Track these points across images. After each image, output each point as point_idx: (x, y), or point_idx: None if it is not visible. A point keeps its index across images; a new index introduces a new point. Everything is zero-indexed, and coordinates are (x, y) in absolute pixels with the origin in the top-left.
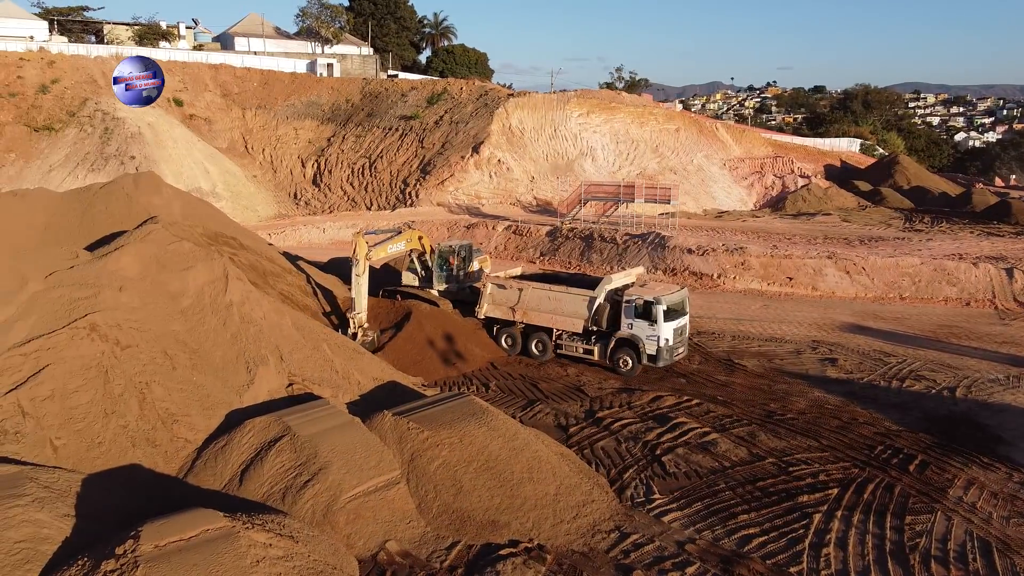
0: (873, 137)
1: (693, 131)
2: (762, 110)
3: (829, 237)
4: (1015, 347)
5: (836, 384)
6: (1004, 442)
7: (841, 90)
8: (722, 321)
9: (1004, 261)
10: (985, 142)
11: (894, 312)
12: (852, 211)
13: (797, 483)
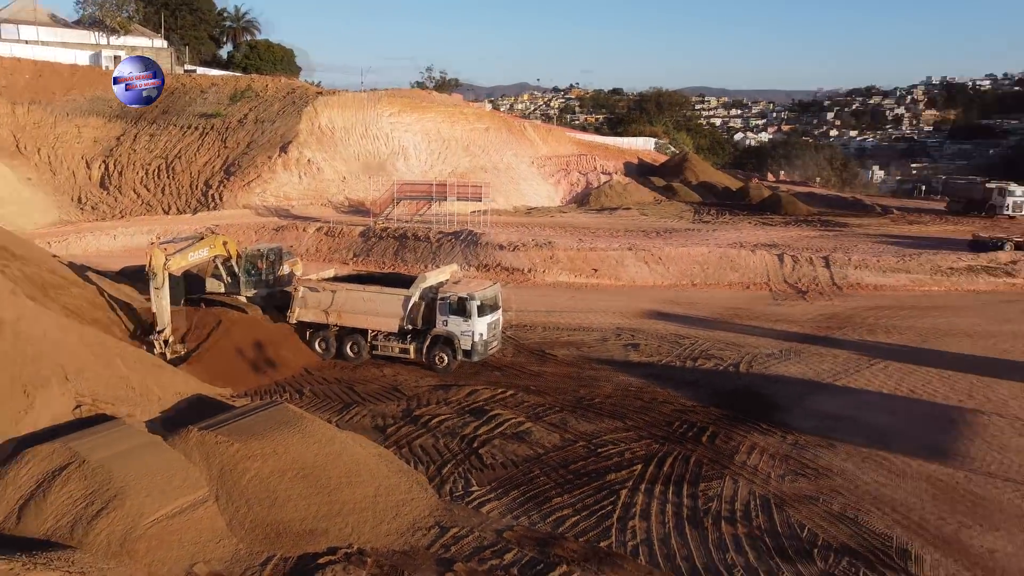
0: (666, 136)
1: (502, 130)
2: (567, 110)
3: (629, 230)
4: (787, 324)
5: (638, 367)
6: (780, 409)
7: (637, 92)
8: (534, 314)
9: (776, 248)
10: (759, 141)
11: (687, 298)
12: (649, 205)
13: (606, 463)
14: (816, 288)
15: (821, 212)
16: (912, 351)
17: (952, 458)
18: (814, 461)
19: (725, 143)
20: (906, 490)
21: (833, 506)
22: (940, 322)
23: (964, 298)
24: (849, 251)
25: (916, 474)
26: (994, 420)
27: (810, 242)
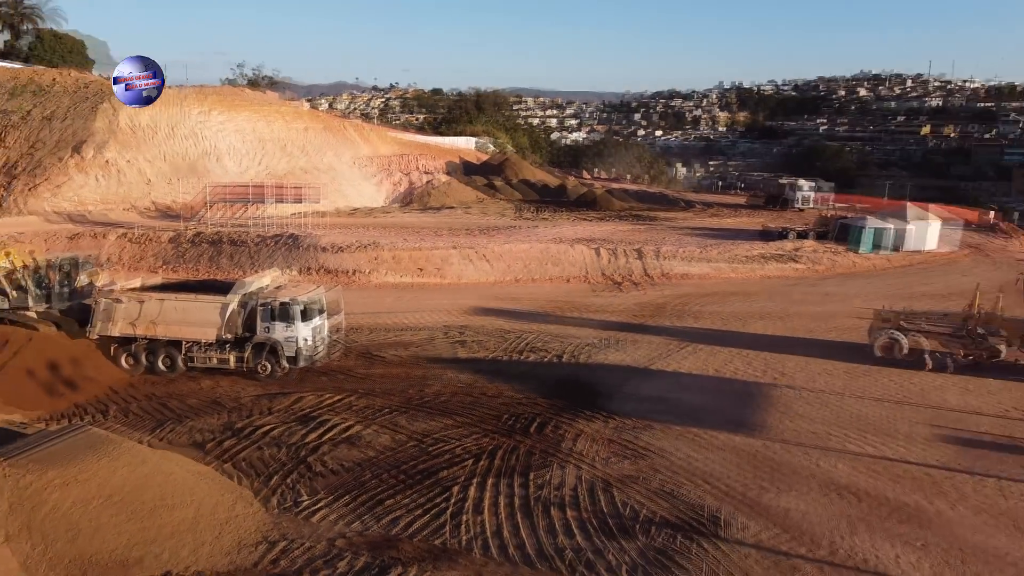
0: (486, 136)
1: (322, 130)
2: (387, 110)
3: (454, 229)
4: (606, 314)
5: (467, 363)
6: (602, 395)
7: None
8: (361, 316)
9: (594, 242)
10: (575, 140)
11: (512, 293)
12: (472, 204)
13: (438, 460)
14: (631, 279)
15: (633, 207)
16: (716, 334)
17: (752, 429)
18: (634, 442)
19: (543, 142)
20: (715, 462)
21: (653, 483)
22: (738, 306)
23: (757, 283)
24: (659, 243)
25: (723, 446)
26: (785, 392)
27: (624, 236)
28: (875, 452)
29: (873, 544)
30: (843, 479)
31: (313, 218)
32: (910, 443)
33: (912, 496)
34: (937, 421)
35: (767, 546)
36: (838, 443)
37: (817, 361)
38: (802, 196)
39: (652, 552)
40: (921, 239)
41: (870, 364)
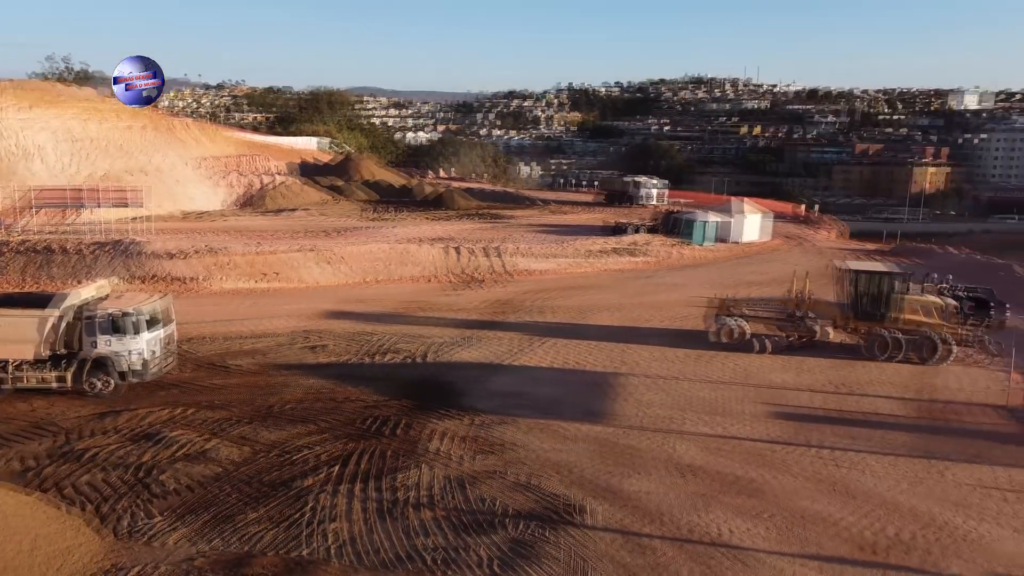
0: (337, 136)
1: (160, 129)
2: (231, 108)
3: (308, 231)
4: (463, 312)
5: (326, 368)
6: (460, 393)
7: (306, 90)
8: (211, 324)
9: (444, 241)
10: (428, 140)
11: (369, 295)
12: (324, 205)
13: (299, 469)
14: (487, 276)
15: (481, 206)
16: (568, 327)
17: (606, 418)
18: (494, 438)
19: (392, 142)
20: (573, 452)
21: (514, 476)
22: (587, 299)
23: (609, 276)
24: (512, 241)
25: (580, 436)
26: (634, 380)
27: (477, 234)
28: (718, 432)
29: (723, 519)
30: (692, 459)
31: (154, 223)
32: (749, 421)
33: (755, 471)
34: (771, 399)
35: (626, 529)
36: (684, 426)
37: (661, 349)
38: (647, 193)
39: (517, 544)
40: (746, 231)
41: (708, 349)
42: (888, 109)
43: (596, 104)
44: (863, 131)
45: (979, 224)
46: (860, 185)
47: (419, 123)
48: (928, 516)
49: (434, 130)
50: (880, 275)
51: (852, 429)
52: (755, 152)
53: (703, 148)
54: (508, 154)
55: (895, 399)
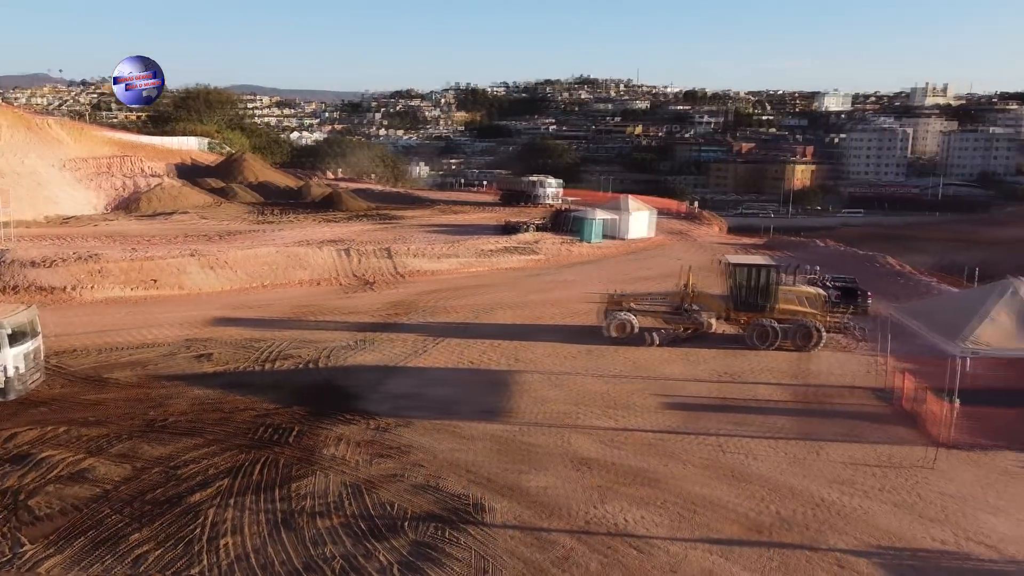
0: (219, 136)
1: (20, 128)
2: (100, 107)
3: (189, 235)
4: (358, 315)
5: (214, 378)
6: (360, 397)
7: (183, 88)
8: (84, 336)
9: (341, 243)
10: (315, 140)
11: (259, 300)
12: (208, 208)
13: (188, 484)
14: (382, 278)
15: (377, 207)
16: (468, 327)
17: (507, 416)
18: (395, 441)
19: (281, 142)
20: (474, 451)
21: (416, 479)
22: (485, 298)
23: (503, 275)
24: (406, 241)
25: (481, 435)
26: (533, 377)
27: (371, 235)
28: (616, 425)
29: (621, 509)
30: (590, 453)
31: (16, 229)
32: (642, 413)
33: (650, 461)
34: (662, 391)
35: (529, 525)
36: (581, 420)
37: (560, 345)
38: (548, 192)
39: (419, 547)
40: (638, 227)
41: (601, 344)
42: (759, 110)
43: (484, 104)
44: (738, 131)
45: (842, 218)
46: (736, 182)
47: (304, 123)
48: (807, 494)
49: (332, 130)
50: (758, 268)
51: (737, 415)
52: (641, 151)
53: (590, 147)
54: (398, 154)
55: (775, 385)
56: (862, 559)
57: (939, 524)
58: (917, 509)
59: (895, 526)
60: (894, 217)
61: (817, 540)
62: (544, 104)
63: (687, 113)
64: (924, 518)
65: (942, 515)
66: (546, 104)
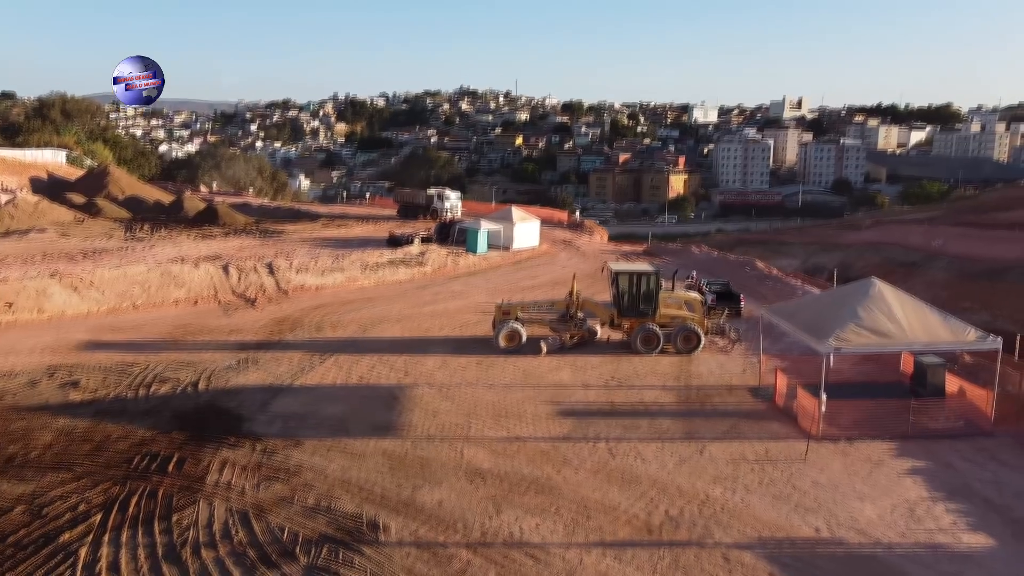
0: (79, 148)
1: None
2: None
3: (49, 254)
4: (240, 334)
5: (82, 407)
6: (245, 419)
7: (35, 97)
8: None
9: (220, 259)
10: (187, 153)
11: (130, 322)
12: (70, 225)
13: (56, 523)
14: (264, 295)
15: (259, 221)
16: (356, 342)
17: (398, 431)
18: (285, 463)
19: (151, 155)
20: (368, 469)
21: (308, 501)
22: (375, 312)
23: (390, 288)
24: (290, 256)
25: (374, 452)
26: (425, 390)
27: (252, 251)
28: (508, 434)
29: (516, 518)
30: (484, 464)
31: None
32: (533, 421)
33: (543, 469)
34: (556, 399)
35: (425, 541)
36: (473, 431)
37: (452, 357)
38: (450, 205)
39: (312, 571)
40: (524, 238)
41: (491, 354)
42: (634, 121)
43: (365, 115)
44: (616, 142)
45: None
46: (615, 191)
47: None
48: (693, 492)
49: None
50: (640, 274)
51: (626, 420)
52: (526, 161)
53: (472, 158)
54: (285, 167)
55: (659, 388)
56: (746, 552)
57: (814, 513)
58: (794, 500)
59: (775, 518)
60: (761, 222)
61: (704, 536)
62: (426, 115)
63: (566, 124)
64: (800, 508)
65: (816, 504)
66: (428, 115)
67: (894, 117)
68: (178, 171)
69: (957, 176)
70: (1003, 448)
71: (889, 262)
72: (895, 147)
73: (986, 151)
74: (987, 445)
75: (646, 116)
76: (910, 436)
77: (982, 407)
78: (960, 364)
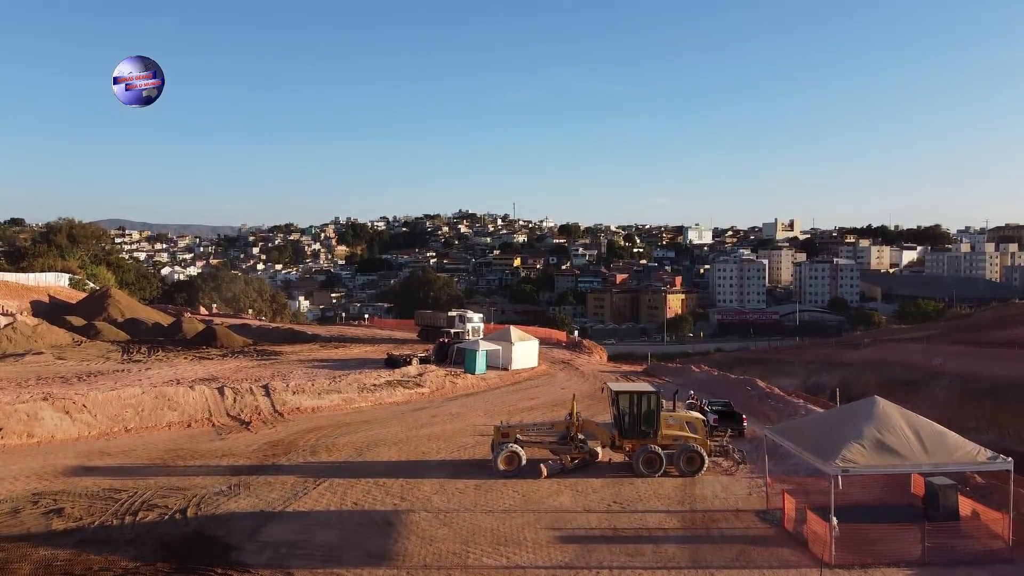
0: (82, 271)
1: None
2: None
3: (43, 377)
4: (233, 458)
5: (65, 536)
6: (234, 548)
7: (43, 223)
8: None
9: (216, 381)
10: (188, 275)
11: (121, 446)
12: (67, 347)
13: None
14: (259, 417)
15: (257, 342)
16: (351, 465)
17: (394, 559)
18: None
19: (152, 277)
20: None
21: None
22: (371, 434)
23: (387, 410)
24: (286, 377)
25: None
26: (422, 516)
27: (249, 372)
28: (508, 563)
29: None
30: None
31: None
32: (533, 548)
33: None
34: (552, 524)
35: None
36: (475, 559)
37: (449, 481)
38: (472, 328)
39: None
40: (523, 358)
41: (490, 478)
42: (629, 243)
43: (365, 238)
44: (612, 263)
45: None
46: (613, 311)
47: (178, 257)
48: None
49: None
50: (640, 394)
51: (629, 546)
52: (524, 282)
53: (471, 279)
54: (285, 288)
55: (663, 512)
56: None
57: None
58: None
59: None
60: (760, 341)
61: None
62: (425, 237)
63: (563, 246)
64: None
65: None
66: (427, 238)
67: (884, 238)
68: (179, 293)
69: (951, 295)
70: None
71: (890, 380)
72: (888, 266)
73: (978, 270)
74: (1007, 572)
75: (642, 237)
76: (927, 562)
77: (998, 531)
78: (972, 486)
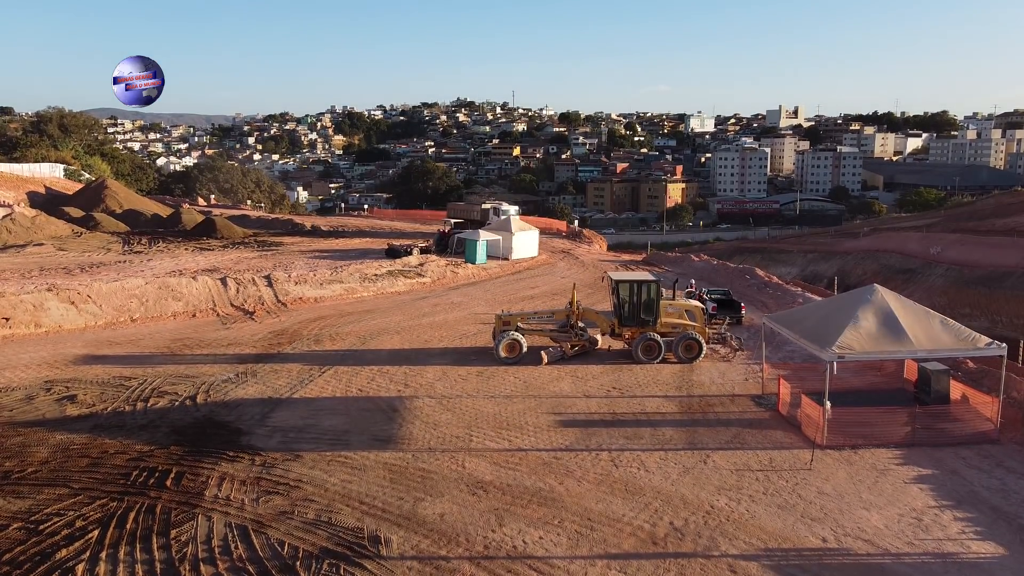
0: (77, 162)
1: None
2: None
3: (46, 268)
4: (239, 347)
5: (79, 421)
6: (244, 432)
7: (33, 112)
8: None
9: (218, 272)
10: (185, 166)
11: (128, 335)
12: (67, 239)
13: (52, 540)
14: (262, 307)
15: (257, 234)
16: (356, 354)
17: (399, 443)
18: (284, 476)
19: (148, 168)
20: (368, 482)
21: (308, 515)
22: (374, 324)
23: (389, 299)
24: (288, 268)
25: (374, 465)
26: (426, 402)
27: (251, 263)
28: (510, 446)
29: (519, 531)
30: (487, 476)
31: None
32: (535, 432)
33: (546, 480)
34: (553, 409)
35: (426, 554)
36: (478, 443)
37: (452, 368)
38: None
39: None
40: (523, 248)
41: (491, 365)
42: (631, 131)
43: (362, 127)
44: (613, 152)
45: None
46: (613, 201)
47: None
48: (698, 503)
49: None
50: (640, 283)
51: (628, 429)
52: (524, 172)
53: (470, 169)
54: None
55: (662, 397)
56: (752, 562)
57: (820, 523)
58: (799, 510)
59: (780, 528)
60: (759, 231)
61: (710, 547)
62: (423, 127)
63: (563, 135)
64: (806, 518)
65: (822, 514)
66: (425, 127)
67: (890, 125)
68: (176, 184)
69: (954, 183)
70: (1009, 455)
71: (887, 269)
72: (891, 155)
73: (982, 158)
74: (993, 452)
75: (643, 126)
76: (915, 444)
77: (987, 414)
78: (964, 371)
